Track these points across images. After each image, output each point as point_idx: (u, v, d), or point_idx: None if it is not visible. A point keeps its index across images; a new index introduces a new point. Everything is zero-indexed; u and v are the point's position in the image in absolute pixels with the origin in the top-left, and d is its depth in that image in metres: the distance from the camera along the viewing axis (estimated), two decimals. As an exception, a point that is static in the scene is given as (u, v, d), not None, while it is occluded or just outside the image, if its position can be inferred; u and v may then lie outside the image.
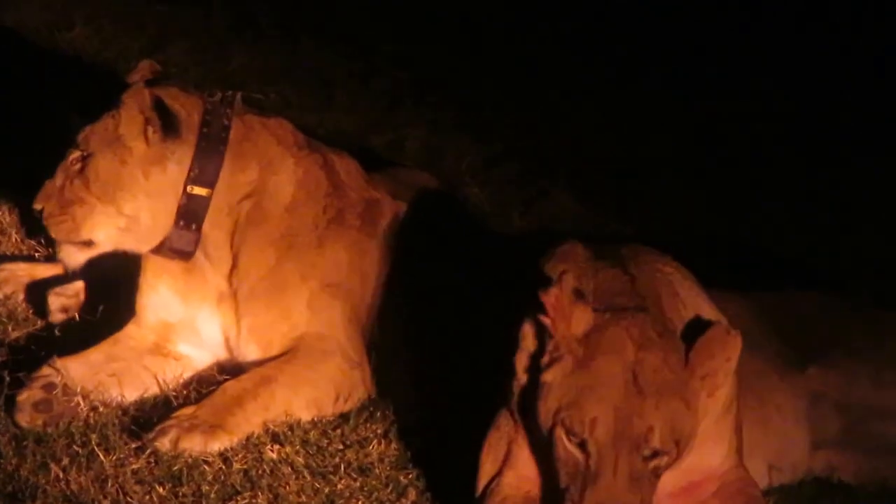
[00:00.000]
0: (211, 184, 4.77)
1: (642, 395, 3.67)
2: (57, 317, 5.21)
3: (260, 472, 4.35)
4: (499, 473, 3.96)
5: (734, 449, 3.97)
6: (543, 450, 3.81)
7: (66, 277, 5.27)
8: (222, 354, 5.03)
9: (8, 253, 5.65)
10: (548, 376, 3.76)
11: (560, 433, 3.71)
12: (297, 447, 4.50)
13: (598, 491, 3.62)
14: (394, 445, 4.52)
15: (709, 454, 3.90)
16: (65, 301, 5.23)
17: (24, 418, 4.56)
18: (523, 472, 3.94)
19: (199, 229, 4.80)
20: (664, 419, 3.67)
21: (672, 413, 3.69)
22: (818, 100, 6.92)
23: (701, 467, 3.91)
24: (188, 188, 4.75)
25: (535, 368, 3.83)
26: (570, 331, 3.74)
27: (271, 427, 4.62)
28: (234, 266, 4.90)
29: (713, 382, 3.77)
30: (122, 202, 4.75)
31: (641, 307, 3.81)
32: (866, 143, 6.68)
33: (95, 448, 4.41)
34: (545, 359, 3.78)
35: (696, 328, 3.79)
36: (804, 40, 6.85)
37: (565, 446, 3.71)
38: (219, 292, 4.94)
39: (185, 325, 5.00)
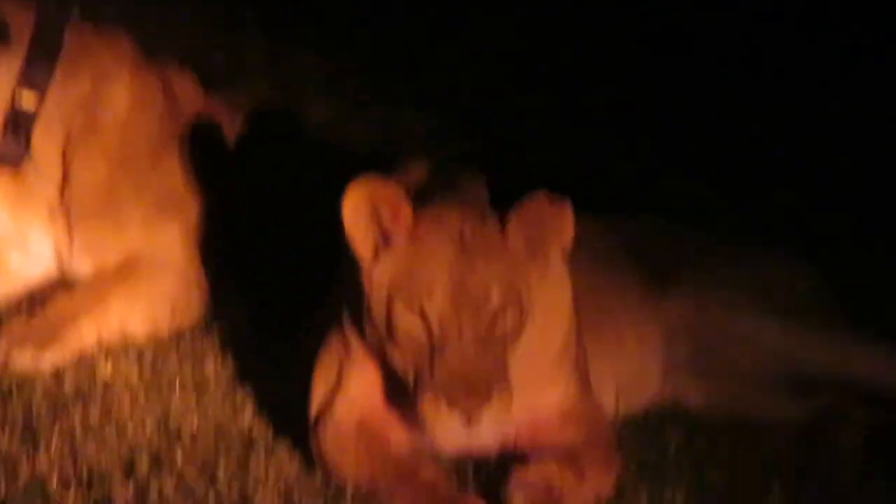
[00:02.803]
0: (41, 91, 4.66)
1: (472, 257, 3.65)
2: None
3: (93, 387, 4.29)
4: (331, 396, 3.95)
5: (575, 384, 3.99)
6: (384, 350, 3.81)
7: None
8: (54, 268, 4.94)
9: None
10: (377, 270, 3.74)
11: (398, 308, 3.67)
12: (132, 363, 4.45)
13: (447, 358, 3.60)
14: (230, 362, 4.50)
15: (547, 394, 3.94)
16: None
17: None
18: (354, 395, 3.92)
19: (27, 137, 4.69)
20: (498, 278, 3.65)
21: (504, 272, 3.67)
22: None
23: (541, 406, 3.95)
24: (16, 95, 4.63)
25: (360, 271, 3.80)
26: (399, 220, 3.71)
27: (105, 343, 4.57)
28: (65, 179, 4.81)
29: (544, 258, 3.76)
30: None
31: (463, 199, 3.81)
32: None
33: (-82, 362, 4.31)
34: (364, 262, 3.76)
35: None
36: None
37: (405, 321, 3.67)
38: (51, 206, 4.84)
39: (15, 237, 4.90)
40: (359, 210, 3.73)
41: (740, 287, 4.57)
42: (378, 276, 3.74)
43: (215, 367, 4.46)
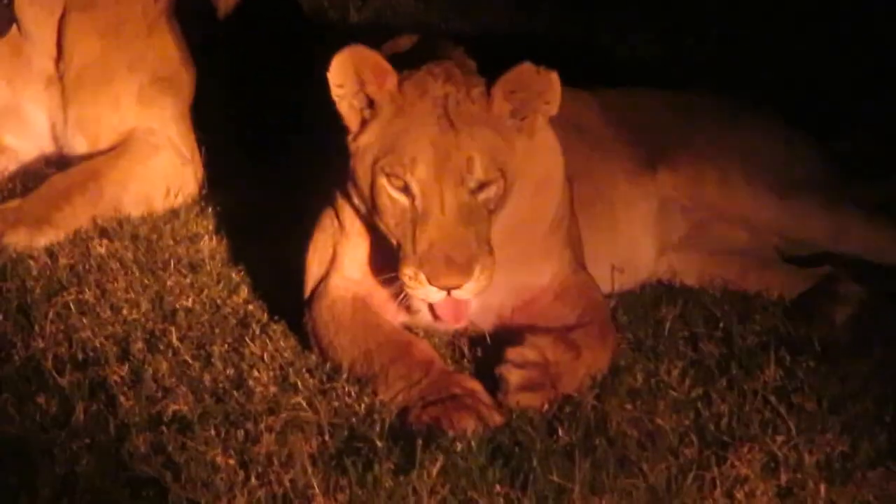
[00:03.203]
0: None
1: (455, 128, 3.63)
2: None
3: (87, 267, 4.29)
4: (325, 275, 3.94)
5: (567, 262, 3.98)
6: (371, 219, 3.79)
7: None
8: (49, 146, 4.94)
9: None
10: (361, 140, 3.71)
11: (382, 182, 3.66)
12: (126, 242, 4.45)
13: (428, 229, 3.60)
14: (225, 242, 4.49)
15: (538, 272, 3.93)
16: None
17: None
18: (348, 274, 3.92)
19: (9, 2, 4.64)
20: (481, 149, 3.64)
21: (488, 143, 3.66)
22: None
23: (532, 285, 3.94)
24: None
25: (347, 140, 3.78)
26: (383, 86, 3.68)
27: (100, 222, 4.58)
28: (59, 51, 4.76)
29: (531, 124, 3.74)
30: None
31: (448, 68, 3.77)
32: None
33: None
34: (350, 133, 3.73)
35: None
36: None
37: (389, 195, 3.66)
38: (46, 76, 4.81)
39: (9, 111, 4.87)
40: (344, 77, 3.69)
41: (734, 161, 4.52)
42: (363, 144, 3.72)
43: (210, 247, 4.46)
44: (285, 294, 4.10)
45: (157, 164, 4.77)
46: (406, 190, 3.65)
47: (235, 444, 3.46)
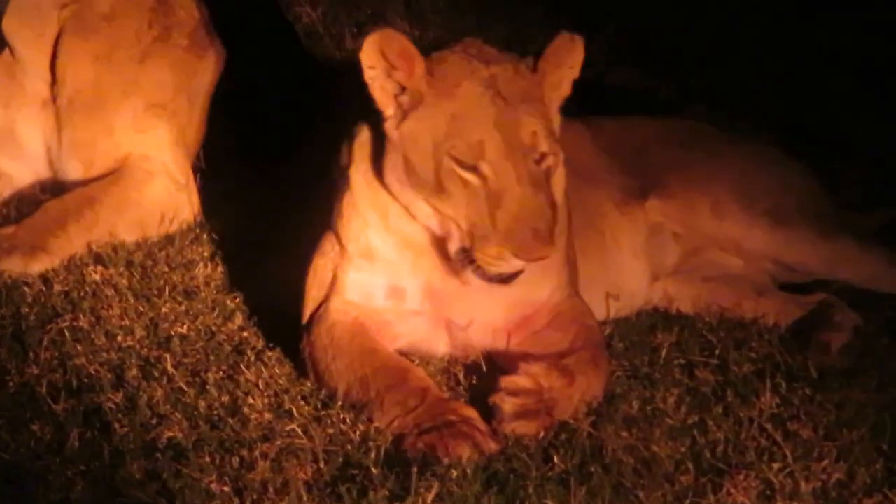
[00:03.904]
0: None
1: (512, 106, 3.69)
2: None
3: (82, 293, 4.28)
4: (325, 300, 3.95)
5: (564, 281, 4.00)
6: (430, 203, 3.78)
7: None
8: (44, 171, 4.93)
9: None
10: (408, 125, 3.74)
11: (449, 167, 3.68)
12: (121, 269, 4.44)
13: (508, 206, 3.62)
14: (220, 268, 4.48)
15: (537, 287, 3.93)
16: None
17: None
18: (349, 297, 3.93)
19: None
20: (540, 122, 3.70)
21: (542, 115, 3.73)
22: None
23: (531, 300, 3.95)
24: None
25: (381, 136, 3.81)
26: (412, 71, 3.72)
27: (95, 248, 4.56)
28: (53, 75, 4.76)
29: (560, 93, 3.83)
30: None
31: (480, 47, 3.82)
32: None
33: None
34: (389, 120, 3.76)
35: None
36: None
37: (459, 178, 3.67)
38: (41, 100, 4.81)
39: (4, 135, 4.86)
40: (375, 59, 3.74)
41: (727, 188, 4.51)
42: (410, 131, 3.74)
43: (205, 274, 4.44)
44: (280, 321, 4.09)
45: (152, 191, 4.76)
46: (476, 170, 3.67)
47: (230, 471, 3.46)
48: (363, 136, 3.92)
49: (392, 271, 3.92)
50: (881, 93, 5.92)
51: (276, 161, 4.93)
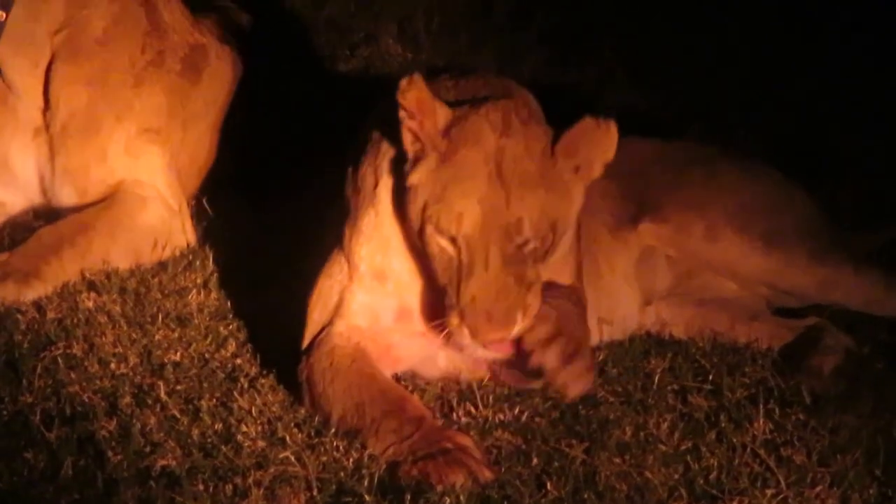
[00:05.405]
0: (4, 6, 4.58)
1: (507, 187, 3.62)
2: None
3: (75, 321, 4.28)
4: (329, 323, 3.93)
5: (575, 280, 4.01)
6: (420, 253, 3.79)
7: None
8: (37, 198, 4.93)
9: None
10: (414, 177, 3.70)
11: (430, 231, 3.67)
12: (115, 296, 4.43)
13: (470, 285, 3.60)
14: (213, 295, 4.48)
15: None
16: None
17: None
18: (354, 322, 3.91)
19: None
20: (532, 210, 3.63)
21: (540, 202, 3.64)
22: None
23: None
24: None
25: (400, 175, 3.78)
26: (434, 126, 3.67)
27: (88, 275, 4.55)
28: (46, 101, 4.76)
29: (588, 174, 3.73)
30: None
31: (504, 95, 3.75)
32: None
33: None
34: (408, 163, 3.71)
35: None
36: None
37: (437, 243, 3.67)
38: (34, 127, 4.81)
39: (-1, 165, 4.85)
40: (404, 102, 3.66)
41: (721, 211, 4.49)
42: (414, 183, 3.71)
43: (198, 301, 4.44)
44: (273, 348, 4.09)
45: (146, 217, 4.75)
46: (453, 241, 3.66)
47: (224, 499, 3.46)
48: (390, 158, 3.88)
49: (403, 293, 3.90)
50: (877, 113, 5.93)
51: (270, 187, 4.94)
